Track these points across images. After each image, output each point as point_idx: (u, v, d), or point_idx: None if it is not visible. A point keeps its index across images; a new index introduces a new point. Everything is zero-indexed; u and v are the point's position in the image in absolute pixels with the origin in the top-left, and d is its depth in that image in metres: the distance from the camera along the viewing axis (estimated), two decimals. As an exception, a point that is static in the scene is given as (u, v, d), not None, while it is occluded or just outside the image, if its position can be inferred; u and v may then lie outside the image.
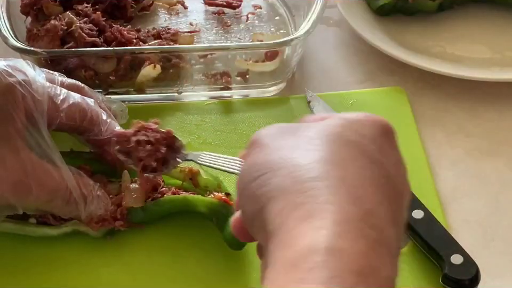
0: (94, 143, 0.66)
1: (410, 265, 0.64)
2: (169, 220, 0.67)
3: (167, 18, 0.90)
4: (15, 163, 0.58)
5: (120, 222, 0.65)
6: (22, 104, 0.60)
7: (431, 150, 0.75)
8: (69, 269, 0.64)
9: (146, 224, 0.66)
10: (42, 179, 0.60)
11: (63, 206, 0.62)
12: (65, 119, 0.63)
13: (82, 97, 0.65)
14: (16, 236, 0.66)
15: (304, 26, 0.78)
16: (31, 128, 0.60)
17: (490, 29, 0.88)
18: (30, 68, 0.63)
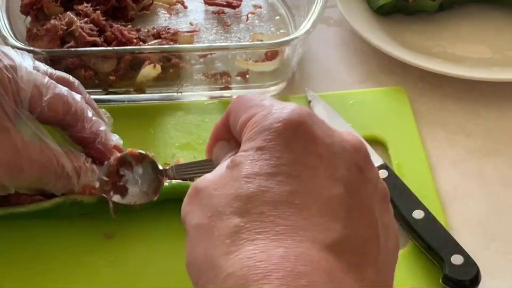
0: (77, 139, 0.65)
1: (410, 265, 0.64)
2: (169, 220, 0.67)
3: (167, 18, 0.90)
4: (5, 143, 0.58)
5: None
6: (9, 88, 0.59)
7: (432, 150, 0.75)
8: (68, 269, 0.64)
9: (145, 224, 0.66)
10: (33, 156, 0.59)
11: (56, 181, 0.61)
12: (48, 110, 0.62)
13: (68, 91, 0.64)
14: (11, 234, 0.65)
15: (304, 26, 0.78)
16: (18, 111, 0.60)
17: (490, 29, 0.88)
18: (17, 55, 0.63)
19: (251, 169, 0.40)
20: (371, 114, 0.78)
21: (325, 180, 0.40)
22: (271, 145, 0.41)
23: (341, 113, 0.77)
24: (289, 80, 0.82)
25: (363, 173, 0.42)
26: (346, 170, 0.41)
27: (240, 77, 0.81)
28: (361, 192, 0.41)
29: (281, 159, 0.40)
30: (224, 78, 0.81)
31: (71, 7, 0.83)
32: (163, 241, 0.66)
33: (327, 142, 0.42)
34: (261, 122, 0.42)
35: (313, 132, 0.41)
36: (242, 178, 0.40)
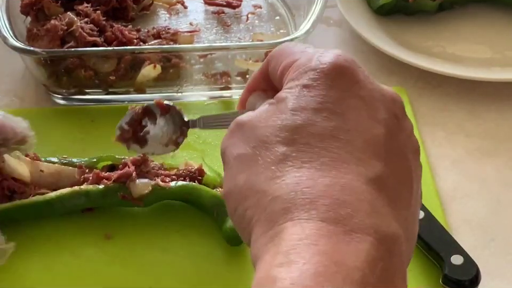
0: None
1: (410, 265, 0.63)
2: (169, 219, 0.67)
3: (167, 18, 0.90)
4: None
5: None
6: None
7: (431, 150, 0.75)
8: (68, 268, 0.64)
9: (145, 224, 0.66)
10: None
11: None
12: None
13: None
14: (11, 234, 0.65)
15: (304, 26, 0.78)
16: None
17: (490, 29, 0.88)
18: None
19: (297, 104, 0.41)
20: (371, 114, 0.78)
21: (367, 120, 0.41)
22: (316, 84, 0.42)
23: (341, 113, 0.77)
24: (289, 80, 0.82)
25: (399, 121, 0.43)
26: (386, 116, 0.42)
27: (240, 77, 0.81)
28: (398, 138, 0.43)
29: (326, 97, 0.41)
30: (224, 78, 0.81)
31: (71, 8, 0.83)
32: (163, 241, 0.66)
33: (369, 87, 0.43)
34: (306, 64, 0.43)
35: (357, 75, 0.43)
36: (289, 111, 0.41)
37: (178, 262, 0.65)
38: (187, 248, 0.65)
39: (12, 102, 0.81)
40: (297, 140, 0.40)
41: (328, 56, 0.43)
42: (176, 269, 0.64)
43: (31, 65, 0.78)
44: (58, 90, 0.79)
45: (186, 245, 0.66)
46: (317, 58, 0.43)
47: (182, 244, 0.66)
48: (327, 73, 0.42)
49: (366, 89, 0.43)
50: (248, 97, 0.50)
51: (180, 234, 0.66)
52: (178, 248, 0.66)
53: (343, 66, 0.43)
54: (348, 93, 0.42)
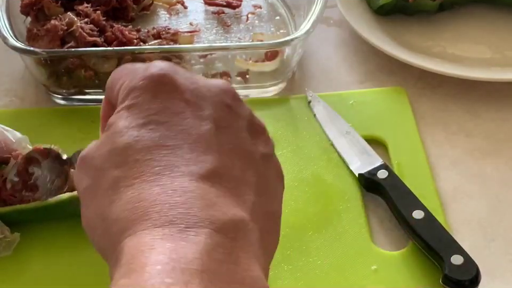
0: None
1: (410, 265, 0.64)
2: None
3: (167, 18, 0.90)
4: None
5: None
6: None
7: (431, 150, 0.75)
8: (68, 268, 0.64)
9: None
10: None
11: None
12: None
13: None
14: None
15: (304, 26, 0.78)
16: None
17: (490, 29, 0.88)
18: None
19: (122, 125, 0.43)
20: (371, 115, 0.78)
21: (193, 120, 0.43)
22: (138, 101, 0.44)
23: (341, 113, 0.77)
24: (289, 80, 0.82)
25: (232, 109, 0.45)
26: (213, 109, 0.44)
27: (240, 77, 0.81)
28: (233, 127, 0.45)
29: (150, 110, 0.43)
30: (224, 78, 0.81)
31: (71, 8, 0.83)
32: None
33: (191, 88, 0.45)
34: (128, 85, 0.45)
35: (176, 81, 0.45)
36: (115, 134, 0.43)
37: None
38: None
39: (12, 102, 0.81)
40: (127, 159, 0.42)
41: (146, 71, 0.45)
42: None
43: (31, 65, 0.78)
44: (58, 90, 0.79)
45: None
46: (136, 75, 0.45)
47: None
48: (146, 87, 0.44)
49: (188, 91, 0.45)
50: (105, 125, 0.51)
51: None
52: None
53: (159, 76, 0.45)
54: (170, 100, 0.44)
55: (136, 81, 0.45)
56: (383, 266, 0.63)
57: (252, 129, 0.46)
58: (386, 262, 0.64)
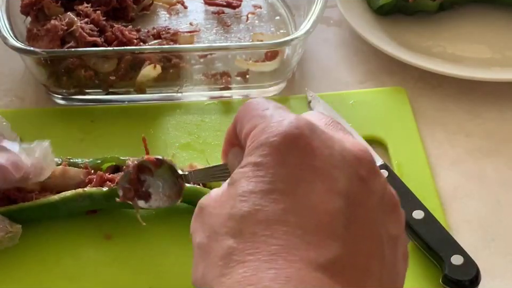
0: None
1: (410, 265, 0.64)
2: (170, 219, 0.67)
3: (167, 18, 0.90)
4: None
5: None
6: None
7: (432, 150, 0.75)
8: (68, 269, 0.64)
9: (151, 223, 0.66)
10: None
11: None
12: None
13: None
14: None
15: (304, 26, 0.78)
16: None
17: (490, 29, 0.88)
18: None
19: (246, 187, 0.39)
20: (371, 114, 0.78)
21: (322, 194, 0.39)
22: (266, 161, 0.40)
23: (341, 113, 0.77)
24: (289, 80, 0.82)
25: (367, 184, 0.40)
26: (347, 182, 0.40)
27: (240, 77, 0.81)
28: (365, 205, 0.40)
29: (276, 175, 0.39)
30: (224, 78, 0.81)
31: (71, 8, 0.83)
32: (163, 242, 0.66)
33: (326, 153, 0.40)
34: (258, 137, 0.41)
35: (311, 144, 0.40)
36: (237, 197, 0.39)
37: (178, 262, 0.65)
38: (187, 248, 0.65)
39: (12, 102, 0.81)
40: (244, 230, 0.38)
41: (280, 126, 0.41)
42: (176, 269, 0.64)
43: (31, 65, 0.78)
44: (58, 90, 0.79)
45: (186, 245, 0.65)
46: (268, 129, 0.41)
47: (182, 244, 0.66)
48: (277, 147, 0.40)
49: (321, 158, 0.40)
50: (229, 150, 0.48)
51: (181, 235, 0.66)
52: (178, 249, 0.66)
53: (294, 136, 0.40)
54: (300, 166, 0.39)
55: (267, 135, 0.40)
56: (383, 266, 0.63)
57: (383, 207, 0.41)
58: (386, 262, 0.64)
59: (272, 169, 0.39)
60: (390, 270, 0.40)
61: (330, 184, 0.39)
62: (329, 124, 0.44)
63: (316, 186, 0.39)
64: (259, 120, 0.42)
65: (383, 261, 0.39)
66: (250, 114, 0.43)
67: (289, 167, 0.39)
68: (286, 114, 0.42)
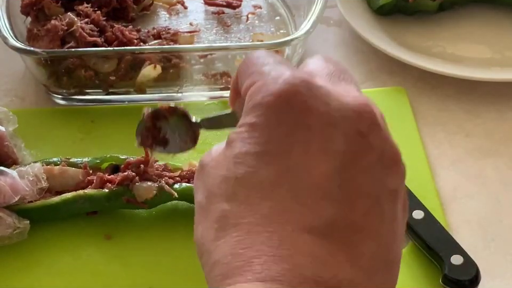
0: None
1: (410, 265, 0.64)
2: (170, 219, 0.67)
3: (167, 18, 0.90)
4: None
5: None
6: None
7: (431, 150, 0.75)
8: (68, 269, 0.64)
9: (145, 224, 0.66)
10: None
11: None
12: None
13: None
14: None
15: (304, 26, 0.78)
16: None
17: (490, 29, 0.88)
18: None
19: (240, 149, 0.39)
20: (371, 114, 0.78)
21: (317, 154, 0.38)
22: (260, 122, 0.39)
23: (341, 113, 0.77)
24: (289, 80, 0.82)
25: (366, 139, 0.39)
26: (343, 140, 0.38)
27: (240, 77, 0.81)
28: (363, 161, 0.39)
29: (270, 136, 0.38)
30: (224, 78, 0.81)
31: (71, 8, 0.83)
32: (163, 241, 0.66)
33: (322, 111, 0.39)
34: (254, 96, 0.40)
35: (306, 102, 0.39)
36: (232, 159, 0.39)
37: (179, 262, 0.65)
38: (188, 248, 0.65)
39: (12, 102, 0.82)
40: (238, 193, 0.38)
41: (276, 84, 0.39)
42: (176, 269, 0.64)
43: (31, 66, 0.78)
44: (59, 90, 0.79)
45: (187, 245, 0.65)
46: (264, 87, 0.39)
47: (182, 244, 0.66)
48: (272, 106, 0.39)
49: (317, 116, 0.38)
50: (235, 98, 0.47)
51: (181, 235, 0.66)
52: (178, 248, 0.66)
53: (289, 95, 0.39)
54: (294, 125, 0.38)
55: (263, 94, 0.39)
56: (383, 266, 0.63)
57: (383, 161, 0.40)
58: (386, 262, 0.64)
59: (267, 130, 0.38)
60: (389, 224, 0.39)
61: (325, 144, 0.38)
62: (332, 74, 0.42)
63: (311, 147, 0.38)
64: (257, 77, 0.41)
65: (381, 217, 0.39)
66: (249, 70, 0.42)
67: (283, 127, 0.38)
68: (285, 70, 0.40)
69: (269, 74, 0.40)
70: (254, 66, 0.42)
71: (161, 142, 0.61)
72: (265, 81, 0.40)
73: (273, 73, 0.40)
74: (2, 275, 0.64)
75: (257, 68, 0.42)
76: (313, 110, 0.38)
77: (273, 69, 0.41)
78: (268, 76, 0.40)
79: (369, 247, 0.38)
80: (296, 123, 0.38)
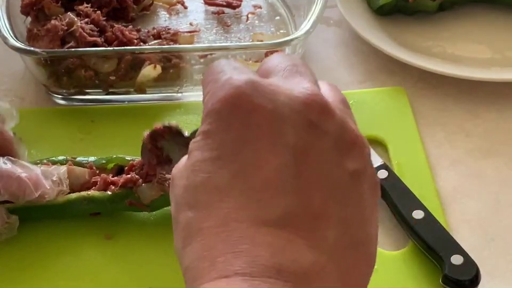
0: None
1: (410, 265, 0.64)
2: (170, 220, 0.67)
3: (167, 18, 0.90)
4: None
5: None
6: None
7: (431, 150, 0.75)
8: (68, 268, 0.64)
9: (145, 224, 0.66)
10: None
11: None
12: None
13: None
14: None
15: (304, 26, 0.78)
16: None
17: (490, 29, 0.88)
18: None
19: (197, 157, 0.40)
20: (371, 114, 0.78)
21: (267, 151, 0.39)
22: (212, 128, 0.40)
23: (341, 113, 0.77)
24: (289, 80, 0.82)
25: (318, 128, 0.39)
26: (293, 133, 0.39)
27: (240, 77, 0.81)
28: (317, 149, 0.39)
29: (222, 141, 0.39)
30: (224, 78, 0.80)
31: (71, 8, 0.83)
32: (163, 241, 0.66)
33: (269, 108, 0.39)
34: (206, 105, 0.41)
35: (252, 102, 0.39)
36: (191, 168, 0.40)
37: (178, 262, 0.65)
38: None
39: (12, 102, 0.81)
40: (198, 200, 0.39)
41: (220, 91, 0.40)
42: (176, 269, 0.64)
43: (31, 66, 0.78)
44: (59, 90, 0.79)
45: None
46: (213, 95, 0.40)
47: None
48: (220, 113, 0.39)
49: (264, 114, 0.39)
50: None
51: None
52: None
53: (234, 98, 0.39)
54: (244, 127, 0.39)
55: (212, 102, 0.40)
56: (383, 266, 0.63)
57: (340, 145, 0.40)
58: (386, 262, 0.64)
59: (218, 136, 0.39)
60: (353, 207, 0.40)
61: (275, 140, 0.39)
62: (286, 69, 0.42)
63: (261, 145, 0.39)
64: (210, 86, 0.41)
65: (342, 202, 0.39)
66: (207, 80, 0.42)
67: (233, 130, 0.39)
68: (235, 74, 0.41)
69: (220, 81, 0.41)
70: (211, 75, 0.42)
71: (166, 161, 0.62)
72: (215, 88, 0.40)
73: (223, 79, 0.41)
74: (1, 275, 0.64)
75: (213, 76, 0.42)
76: (260, 109, 0.39)
77: (225, 75, 0.41)
78: (218, 83, 0.41)
79: (332, 232, 0.38)
80: (244, 124, 0.39)
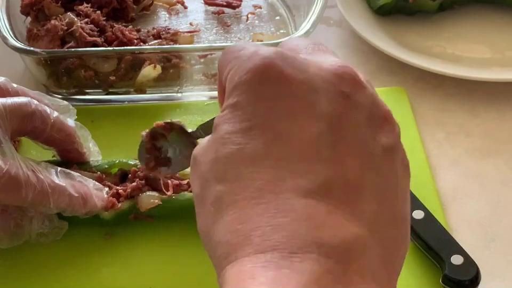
0: (49, 142, 0.64)
1: (410, 265, 0.64)
2: (170, 220, 0.67)
3: (167, 18, 0.90)
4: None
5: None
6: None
7: (432, 150, 0.75)
8: (68, 268, 0.64)
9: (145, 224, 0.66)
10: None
11: (14, 194, 0.56)
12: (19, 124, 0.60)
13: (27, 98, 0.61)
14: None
15: (304, 26, 0.78)
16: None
17: (491, 29, 0.88)
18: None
19: (226, 129, 0.39)
20: (371, 114, 0.78)
21: (302, 120, 0.38)
22: (242, 99, 0.39)
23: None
24: (289, 80, 0.82)
25: (351, 99, 0.39)
26: (327, 103, 0.39)
27: (240, 77, 0.81)
28: (351, 120, 0.39)
29: (253, 111, 0.39)
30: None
31: (71, 8, 0.83)
32: (163, 241, 0.66)
33: (301, 78, 0.39)
34: (232, 78, 0.40)
35: (283, 72, 0.39)
36: (219, 140, 0.39)
37: (179, 262, 0.65)
38: (188, 248, 0.65)
39: (12, 102, 0.81)
40: (229, 172, 0.38)
41: (248, 63, 0.39)
42: (176, 269, 0.64)
43: (31, 66, 0.78)
44: (59, 90, 0.79)
45: (187, 245, 0.66)
46: (239, 68, 0.40)
47: (182, 244, 0.66)
48: (250, 84, 0.39)
49: (297, 84, 0.39)
50: (223, 96, 0.47)
51: (181, 235, 0.66)
52: (179, 248, 0.66)
53: (264, 68, 0.39)
54: (276, 97, 0.39)
55: (240, 74, 0.39)
56: (383, 266, 0.63)
57: (373, 119, 0.40)
58: (386, 262, 0.64)
59: (249, 106, 0.39)
60: (388, 181, 0.39)
61: (309, 109, 0.38)
62: (308, 47, 0.43)
63: (295, 114, 0.38)
64: (234, 62, 0.41)
65: (378, 174, 0.39)
66: (227, 60, 0.42)
67: (265, 100, 0.39)
68: (255, 48, 0.40)
69: (244, 55, 0.40)
70: (232, 53, 0.42)
71: (165, 162, 0.62)
72: (241, 61, 0.40)
73: (247, 53, 0.40)
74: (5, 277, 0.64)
75: (234, 54, 0.42)
76: (292, 79, 0.39)
77: (247, 50, 0.41)
78: (243, 58, 0.40)
79: (370, 204, 0.38)
80: (277, 94, 0.39)
